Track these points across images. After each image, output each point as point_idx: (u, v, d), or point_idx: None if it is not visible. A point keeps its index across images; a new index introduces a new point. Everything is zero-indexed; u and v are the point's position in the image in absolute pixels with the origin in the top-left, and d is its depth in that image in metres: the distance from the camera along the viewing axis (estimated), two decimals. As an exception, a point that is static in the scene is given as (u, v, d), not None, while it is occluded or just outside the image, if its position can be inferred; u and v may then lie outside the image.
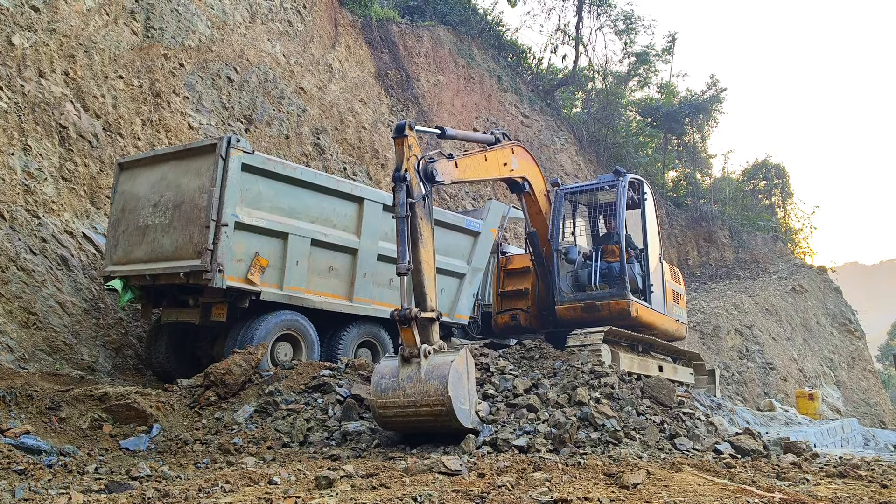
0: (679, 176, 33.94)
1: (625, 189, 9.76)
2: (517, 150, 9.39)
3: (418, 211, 6.30)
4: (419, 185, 6.44)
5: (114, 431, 5.91)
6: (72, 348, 8.45)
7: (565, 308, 9.88)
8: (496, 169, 8.75)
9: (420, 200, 6.35)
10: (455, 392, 5.61)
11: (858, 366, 28.16)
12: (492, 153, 8.60)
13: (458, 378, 5.76)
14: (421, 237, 6.22)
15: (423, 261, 6.19)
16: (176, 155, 8.17)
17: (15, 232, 8.58)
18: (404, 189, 6.25)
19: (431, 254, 6.35)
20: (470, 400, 5.96)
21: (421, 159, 6.58)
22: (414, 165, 6.47)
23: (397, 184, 6.29)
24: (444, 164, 7.08)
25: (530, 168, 9.49)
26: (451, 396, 5.53)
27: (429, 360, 5.77)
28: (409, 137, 6.42)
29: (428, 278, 6.21)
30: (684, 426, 6.46)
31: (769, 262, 30.19)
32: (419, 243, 6.20)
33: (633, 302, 9.47)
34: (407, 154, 6.44)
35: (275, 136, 13.46)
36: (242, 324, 7.87)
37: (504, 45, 25.43)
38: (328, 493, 3.85)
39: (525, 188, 9.44)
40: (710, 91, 30.81)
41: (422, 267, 6.18)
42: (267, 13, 14.63)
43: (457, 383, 5.70)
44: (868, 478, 4.73)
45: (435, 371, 5.69)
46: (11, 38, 9.36)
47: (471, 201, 18.47)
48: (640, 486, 3.92)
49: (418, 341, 5.88)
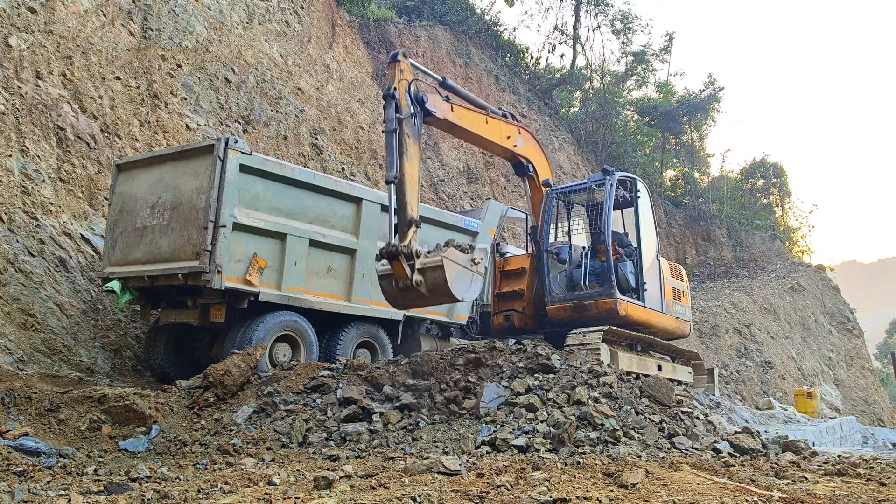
0: (677, 175, 33.96)
1: (612, 188, 9.72)
2: (524, 133, 9.60)
3: (406, 128, 6.86)
4: (408, 106, 7.04)
5: (113, 433, 5.90)
6: (70, 350, 8.44)
7: (556, 308, 9.89)
8: (497, 135, 9.09)
9: (408, 118, 6.95)
10: (459, 291, 6.78)
11: (857, 364, 28.19)
12: (494, 120, 9.15)
13: (457, 276, 6.83)
14: (407, 152, 6.76)
15: (408, 174, 6.69)
16: (174, 156, 8.17)
17: (13, 234, 8.57)
18: (393, 106, 6.81)
19: (417, 170, 6.95)
20: (468, 270, 7.02)
21: (412, 82, 7.16)
22: (405, 87, 7.12)
23: (387, 101, 6.90)
24: (437, 98, 7.98)
25: (536, 155, 9.58)
26: (457, 297, 6.72)
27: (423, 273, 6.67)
28: (401, 62, 7.11)
29: (411, 191, 6.76)
30: (683, 425, 6.46)
31: (767, 260, 30.22)
32: (405, 157, 6.74)
33: (622, 301, 9.42)
34: (398, 77, 7.04)
35: (273, 136, 13.46)
36: (241, 325, 7.87)
37: (502, 44, 25.42)
38: (327, 494, 3.85)
39: (529, 171, 9.59)
40: (708, 90, 30.81)
41: (406, 179, 6.69)
42: (264, 14, 14.62)
43: (457, 282, 6.78)
44: (866, 476, 4.74)
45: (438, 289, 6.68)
46: (8, 40, 9.35)
47: (469, 201, 18.48)
48: (639, 486, 3.92)
49: (408, 272, 6.59)
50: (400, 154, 6.68)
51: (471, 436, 5.85)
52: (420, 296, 6.89)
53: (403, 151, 6.71)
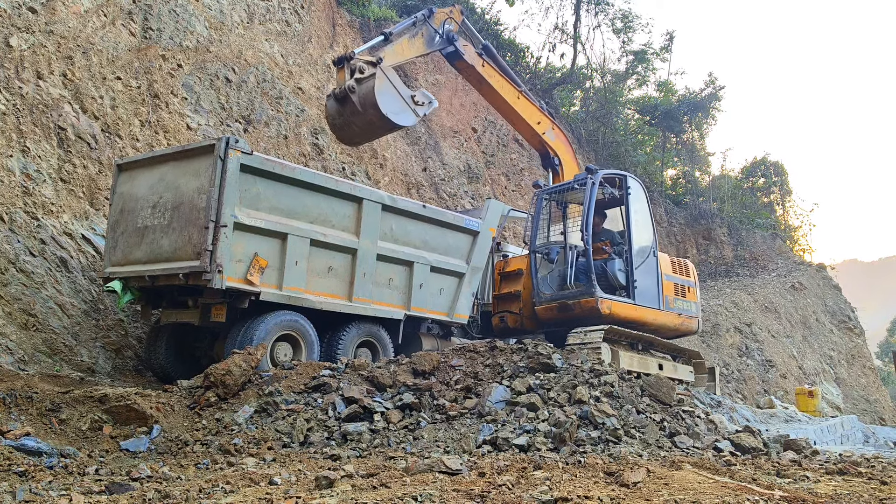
0: (678, 174, 33.92)
1: (593, 186, 9.71)
2: (557, 130, 10.08)
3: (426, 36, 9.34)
4: (440, 39, 9.44)
5: (114, 433, 5.90)
6: (71, 350, 8.45)
7: (543, 309, 9.94)
8: (528, 114, 10.15)
9: (435, 49, 9.42)
10: (385, 106, 7.90)
11: (858, 363, 28.17)
12: (527, 100, 10.10)
13: (386, 91, 8.03)
14: (412, 40, 9.10)
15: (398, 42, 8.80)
16: (174, 156, 8.16)
17: (14, 234, 8.57)
18: (347, 72, 8.28)
19: (406, 47, 8.97)
20: (406, 101, 8.28)
21: (448, 22, 9.34)
22: (441, 18, 9.33)
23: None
24: (470, 47, 9.28)
25: (566, 153, 9.81)
26: (382, 112, 7.80)
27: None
28: (455, 7, 9.55)
29: (395, 44, 8.72)
30: (684, 424, 6.47)
31: (768, 259, 30.20)
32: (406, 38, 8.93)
33: (603, 299, 9.39)
34: (442, 12, 9.32)
35: (273, 136, 13.46)
36: (242, 324, 7.87)
37: (502, 43, 25.36)
38: (328, 494, 3.85)
39: (555, 163, 9.91)
40: (709, 89, 30.77)
41: (394, 38, 8.71)
42: (265, 13, 14.62)
43: (385, 97, 7.97)
44: (868, 475, 4.74)
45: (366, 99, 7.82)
46: (9, 40, 9.36)
47: (470, 200, 18.48)
48: (641, 485, 3.92)
49: (347, 76, 7.89)
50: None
51: (472, 435, 5.86)
52: (354, 111, 8.09)
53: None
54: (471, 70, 9.98)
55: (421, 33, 9.17)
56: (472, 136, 20.56)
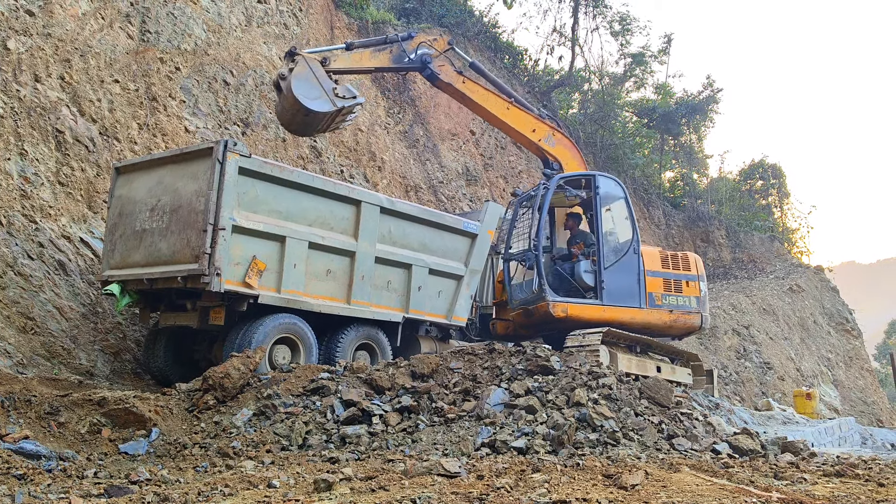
0: (676, 176, 33.97)
1: (547, 192, 9.73)
2: (558, 135, 10.01)
3: (395, 52, 9.69)
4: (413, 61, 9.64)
5: (113, 436, 5.90)
6: (70, 353, 8.44)
7: (515, 314, 10.01)
8: (520, 125, 10.09)
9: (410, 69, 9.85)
10: (299, 90, 8.51)
11: (856, 365, 28.20)
12: (518, 110, 10.07)
13: (305, 79, 8.57)
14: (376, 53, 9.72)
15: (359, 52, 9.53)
16: (173, 159, 8.16)
17: (12, 237, 8.57)
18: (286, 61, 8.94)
19: (368, 58, 9.44)
20: (325, 90, 8.71)
21: (425, 44, 9.25)
22: (417, 42, 9.63)
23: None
24: (447, 67, 9.58)
25: (569, 158, 9.78)
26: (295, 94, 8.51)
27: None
28: (442, 38, 9.65)
29: (355, 52, 9.31)
30: (682, 426, 6.47)
31: (766, 261, 30.25)
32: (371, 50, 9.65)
33: (557, 303, 9.37)
34: (423, 36, 9.74)
35: (271, 139, 13.47)
36: (240, 327, 7.87)
37: (500, 46, 25.42)
38: (327, 496, 3.86)
39: (555, 168, 10.03)
40: (707, 91, 30.84)
41: (356, 47, 9.41)
42: (263, 16, 14.63)
43: (302, 83, 8.56)
44: (865, 477, 4.75)
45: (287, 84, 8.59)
46: (7, 43, 9.36)
47: (468, 203, 18.49)
48: (639, 487, 3.93)
49: (285, 70, 8.54)
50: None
51: (470, 438, 5.86)
52: (282, 97, 8.84)
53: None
54: (451, 88, 10.15)
55: (390, 50, 9.50)
56: (471, 138, 20.59)
